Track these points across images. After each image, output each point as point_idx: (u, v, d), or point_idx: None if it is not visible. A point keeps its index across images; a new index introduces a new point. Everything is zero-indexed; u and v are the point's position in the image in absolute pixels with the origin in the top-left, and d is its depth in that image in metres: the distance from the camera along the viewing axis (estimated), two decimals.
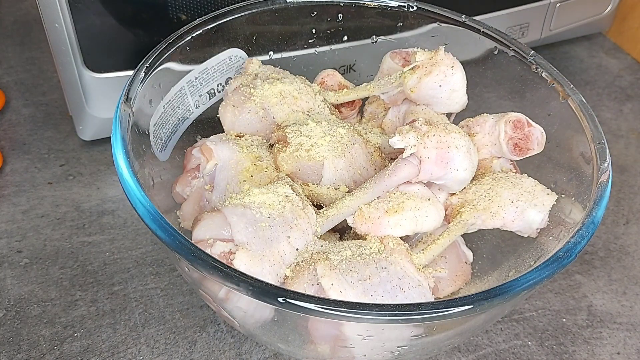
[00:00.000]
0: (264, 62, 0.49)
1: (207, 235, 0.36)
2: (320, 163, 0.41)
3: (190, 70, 0.47)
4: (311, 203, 0.40)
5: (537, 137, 0.43)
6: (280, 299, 0.30)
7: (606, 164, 0.40)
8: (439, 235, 0.40)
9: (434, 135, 0.39)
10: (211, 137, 0.45)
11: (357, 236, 0.40)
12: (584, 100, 0.44)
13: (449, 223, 0.41)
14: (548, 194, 0.41)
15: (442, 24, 0.51)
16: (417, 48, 0.47)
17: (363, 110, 0.51)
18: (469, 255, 0.43)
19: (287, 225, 0.37)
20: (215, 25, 0.48)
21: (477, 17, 0.52)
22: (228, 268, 0.31)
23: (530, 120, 0.43)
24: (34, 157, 0.59)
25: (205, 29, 0.47)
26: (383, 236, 0.38)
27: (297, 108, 0.45)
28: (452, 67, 0.43)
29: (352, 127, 0.44)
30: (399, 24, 0.52)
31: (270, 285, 0.31)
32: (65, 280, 0.49)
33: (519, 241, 0.43)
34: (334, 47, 0.54)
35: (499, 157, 0.44)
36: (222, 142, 0.43)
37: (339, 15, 0.52)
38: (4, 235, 0.52)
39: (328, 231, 0.40)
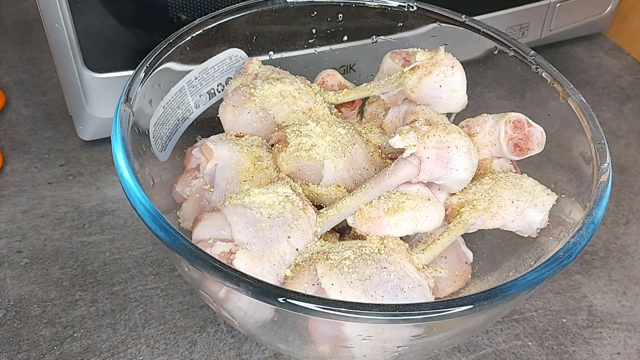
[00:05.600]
0: (264, 62, 0.49)
1: (207, 235, 0.36)
2: (320, 163, 0.41)
3: (190, 70, 0.47)
4: (311, 203, 0.40)
5: (537, 137, 0.43)
6: (280, 299, 0.30)
7: (606, 164, 0.40)
8: (439, 235, 0.40)
9: (434, 135, 0.39)
10: (211, 137, 0.45)
11: (357, 236, 0.40)
12: (584, 100, 0.44)
13: (449, 223, 0.41)
14: (548, 194, 0.41)
15: (442, 24, 0.51)
16: (417, 48, 0.47)
17: (363, 110, 0.51)
18: (469, 255, 0.43)
19: (287, 225, 0.37)
20: (215, 25, 0.48)
21: (477, 17, 0.52)
22: (228, 268, 0.31)
23: (530, 120, 0.43)
24: (34, 157, 0.59)
25: (205, 29, 0.47)
26: (383, 236, 0.38)
27: (297, 108, 0.45)
28: (452, 67, 0.43)
29: (352, 127, 0.44)
30: (399, 24, 0.52)
31: (270, 285, 0.31)
32: (65, 280, 0.49)
33: (519, 241, 0.43)
34: (334, 47, 0.54)
35: (499, 157, 0.44)
36: (222, 142, 0.43)
37: (339, 15, 0.52)
38: (4, 235, 0.52)
39: (328, 231, 0.40)
